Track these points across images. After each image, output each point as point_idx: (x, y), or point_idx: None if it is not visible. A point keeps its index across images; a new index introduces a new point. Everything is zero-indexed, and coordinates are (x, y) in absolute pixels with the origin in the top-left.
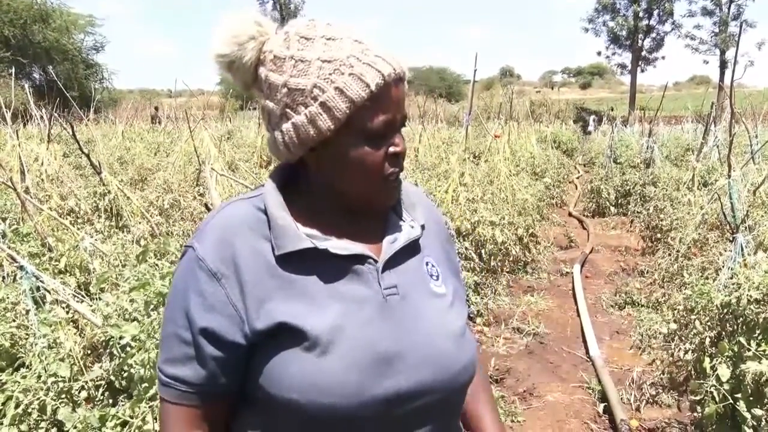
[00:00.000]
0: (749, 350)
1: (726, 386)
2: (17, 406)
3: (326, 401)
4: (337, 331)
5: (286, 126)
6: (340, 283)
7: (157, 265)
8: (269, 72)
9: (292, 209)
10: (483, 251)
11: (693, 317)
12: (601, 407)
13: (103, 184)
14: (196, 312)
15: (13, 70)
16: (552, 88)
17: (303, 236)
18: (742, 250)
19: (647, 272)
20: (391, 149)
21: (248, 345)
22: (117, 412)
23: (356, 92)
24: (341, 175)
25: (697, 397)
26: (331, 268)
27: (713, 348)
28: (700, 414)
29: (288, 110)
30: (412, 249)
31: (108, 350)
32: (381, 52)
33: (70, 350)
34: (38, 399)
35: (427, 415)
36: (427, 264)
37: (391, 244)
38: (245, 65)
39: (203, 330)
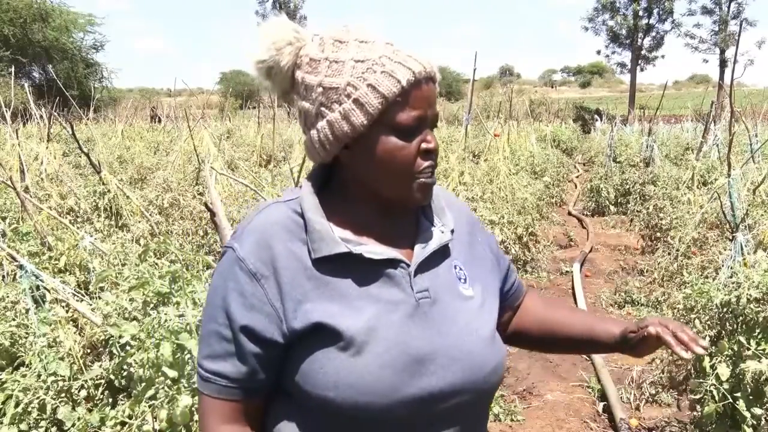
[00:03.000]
0: (749, 349)
1: (725, 385)
2: (17, 404)
3: (361, 399)
4: (372, 332)
5: (321, 124)
6: (373, 287)
7: (156, 264)
8: (305, 74)
9: (327, 211)
10: None
11: (693, 316)
12: (600, 406)
13: (103, 183)
14: (236, 310)
15: (13, 69)
16: (552, 87)
17: (339, 240)
18: (742, 249)
19: (647, 271)
20: (423, 145)
21: (285, 343)
22: (116, 414)
23: (388, 88)
24: (375, 170)
25: (697, 396)
26: (365, 271)
27: (713, 347)
28: (699, 413)
29: (323, 108)
30: (442, 253)
31: (108, 349)
32: (412, 53)
33: (70, 349)
34: (38, 398)
35: (456, 415)
36: (455, 267)
37: (423, 248)
38: (283, 69)
39: (243, 328)
